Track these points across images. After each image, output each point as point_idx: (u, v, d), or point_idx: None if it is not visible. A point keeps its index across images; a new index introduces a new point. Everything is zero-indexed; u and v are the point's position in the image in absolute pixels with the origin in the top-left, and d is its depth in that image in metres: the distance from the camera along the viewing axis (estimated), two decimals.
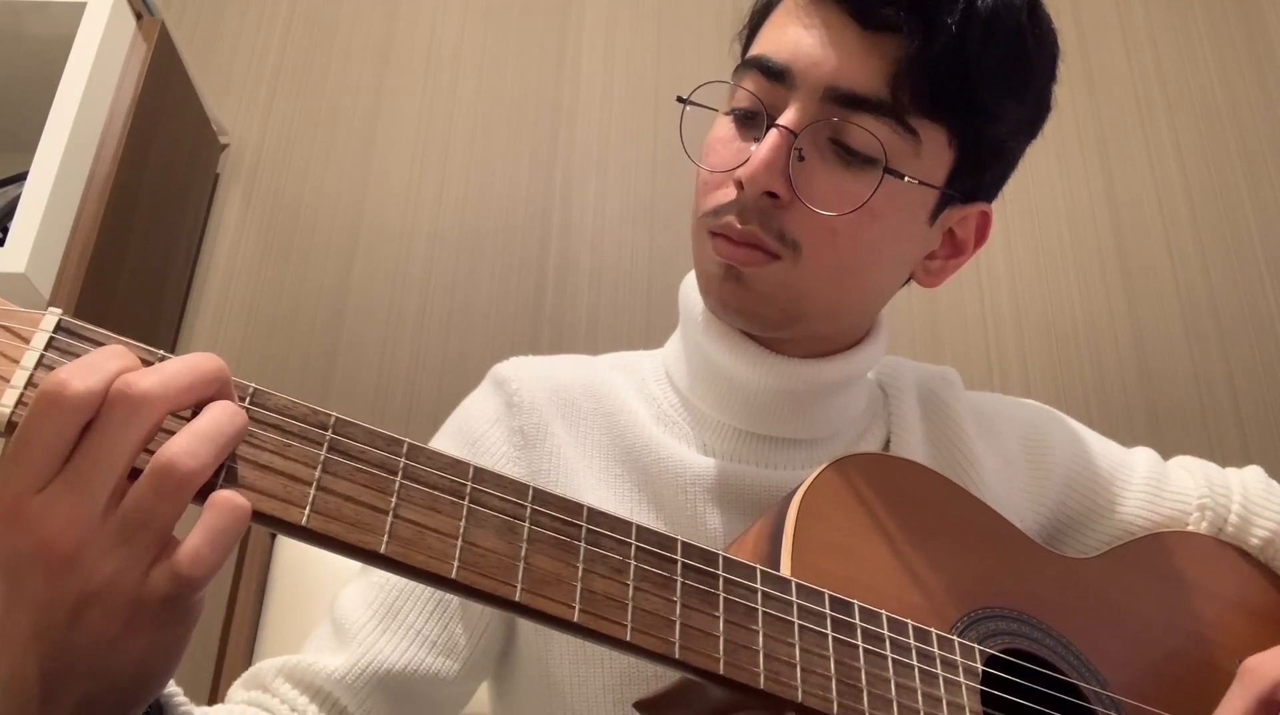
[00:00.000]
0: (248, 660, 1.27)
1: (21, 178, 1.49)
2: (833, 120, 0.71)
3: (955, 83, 0.71)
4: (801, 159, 0.71)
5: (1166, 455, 0.98)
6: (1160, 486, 0.92)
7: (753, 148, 0.72)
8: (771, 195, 0.71)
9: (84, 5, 1.55)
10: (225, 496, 0.47)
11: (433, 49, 2.02)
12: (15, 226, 1.38)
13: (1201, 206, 1.92)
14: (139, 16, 1.65)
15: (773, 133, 0.71)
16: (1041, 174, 1.94)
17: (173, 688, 0.57)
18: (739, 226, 0.73)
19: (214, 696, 1.26)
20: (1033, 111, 0.78)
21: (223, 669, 1.27)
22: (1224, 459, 0.98)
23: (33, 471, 0.45)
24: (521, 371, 0.86)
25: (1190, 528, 0.91)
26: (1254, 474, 0.95)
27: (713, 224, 0.75)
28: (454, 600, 0.79)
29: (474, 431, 0.83)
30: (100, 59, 1.52)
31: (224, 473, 0.48)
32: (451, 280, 1.83)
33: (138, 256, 1.61)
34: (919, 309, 1.84)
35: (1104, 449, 0.94)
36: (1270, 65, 2.03)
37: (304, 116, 1.96)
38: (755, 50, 0.76)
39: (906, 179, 0.72)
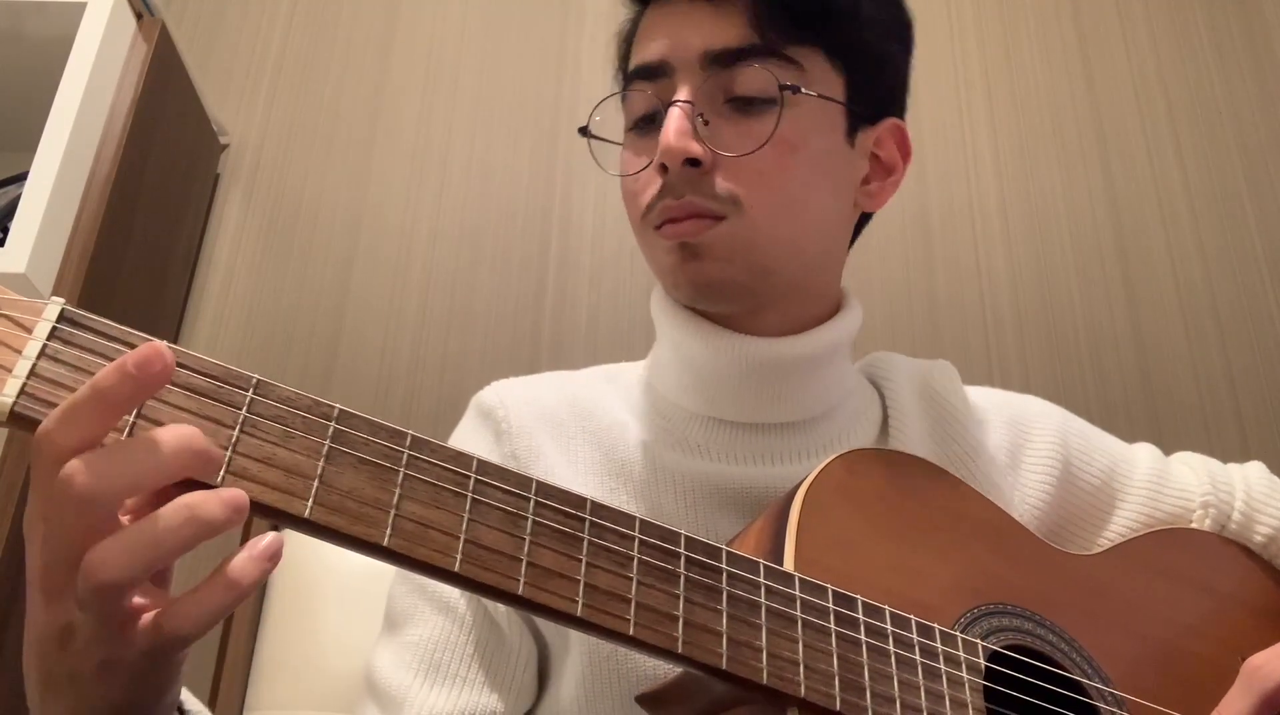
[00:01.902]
0: (248, 660, 1.27)
1: (21, 178, 1.49)
2: (720, 78, 0.76)
3: (808, 2, 0.77)
4: (707, 123, 0.76)
5: (1167, 454, 0.98)
6: (1163, 483, 0.92)
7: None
8: (692, 163, 0.75)
9: (84, 5, 1.55)
10: (224, 579, 0.47)
11: (433, 48, 2.02)
12: (15, 226, 1.38)
13: (1201, 206, 1.92)
14: (139, 16, 1.65)
15: (673, 109, 0.76)
16: (1042, 174, 1.94)
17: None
18: (675, 202, 0.76)
19: (214, 696, 1.26)
20: (891, 13, 0.84)
21: (223, 668, 1.26)
22: (1224, 458, 0.98)
23: (35, 500, 0.47)
24: (505, 397, 0.87)
25: (1193, 525, 0.90)
26: (1257, 470, 0.95)
27: (653, 219, 0.79)
28: (489, 636, 0.79)
29: None
30: (100, 59, 1.52)
31: (228, 466, 0.48)
32: (451, 280, 1.83)
33: (138, 256, 1.61)
34: (919, 309, 1.84)
35: (1106, 445, 0.94)
36: (1270, 65, 2.03)
37: (304, 116, 1.96)
38: (630, 65, 0.83)
39: (803, 91, 0.76)
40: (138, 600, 0.48)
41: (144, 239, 1.63)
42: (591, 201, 1.89)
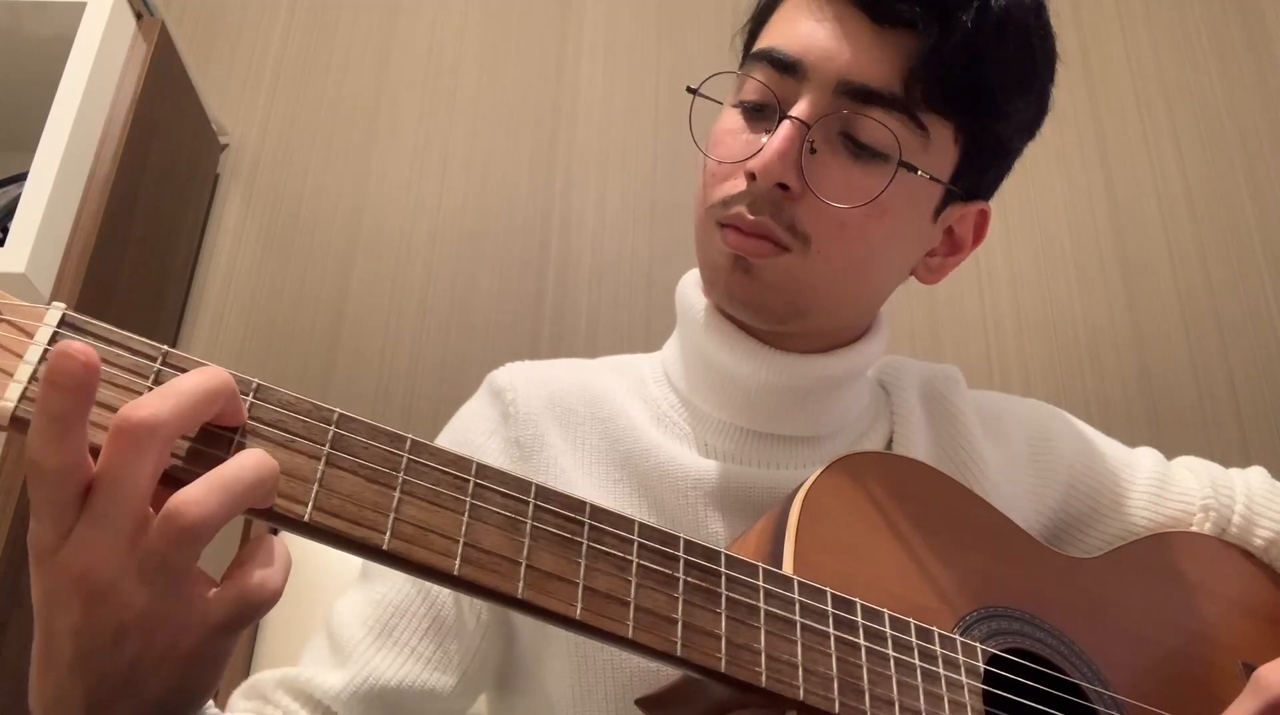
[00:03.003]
0: (248, 659, 1.27)
1: (21, 178, 1.49)
2: (845, 113, 0.72)
3: (968, 79, 0.72)
4: (813, 152, 0.72)
5: (1167, 455, 0.98)
6: (1164, 487, 0.92)
7: (764, 139, 0.73)
8: (783, 187, 0.72)
9: (84, 5, 1.55)
10: (263, 550, 0.48)
11: (433, 49, 2.02)
12: (15, 226, 1.38)
13: (1201, 206, 1.92)
14: (139, 16, 1.65)
15: (786, 124, 0.72)
16: (1041, 174, 1.94)
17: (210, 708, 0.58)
18: (750, 217, 0.73)
19: (215, 694, 1.26)
20: (1035, 110, 0.79)
21: None
22: (1224, 459, 0.98)
23: (54, 519, 0.46)
24: (517, 379, 0.86)
25: (1194, 528, 0.90)
26: (1258, 475, 0.95)
27: (721, 215, 0.75)
28: (449, 617, 0.80)
29: (471, 442, 0.83)
30: (100, 59, 1.52)
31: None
32: (451, 280, 1.83)
33: (138, 256, 1.61)
34: (919, 309, 1.84)
35: (1108, 449, 0.94)
36: (1270, 65, 2.03)
37: (304, 116, 1.96)
38: (765, 43, 0.76)
39: (920, 173, 0.72)
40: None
41: (144, 239, 1.63)
42: (591, 202, 1.89)
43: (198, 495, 0.45)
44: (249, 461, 0.46)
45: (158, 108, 1.65)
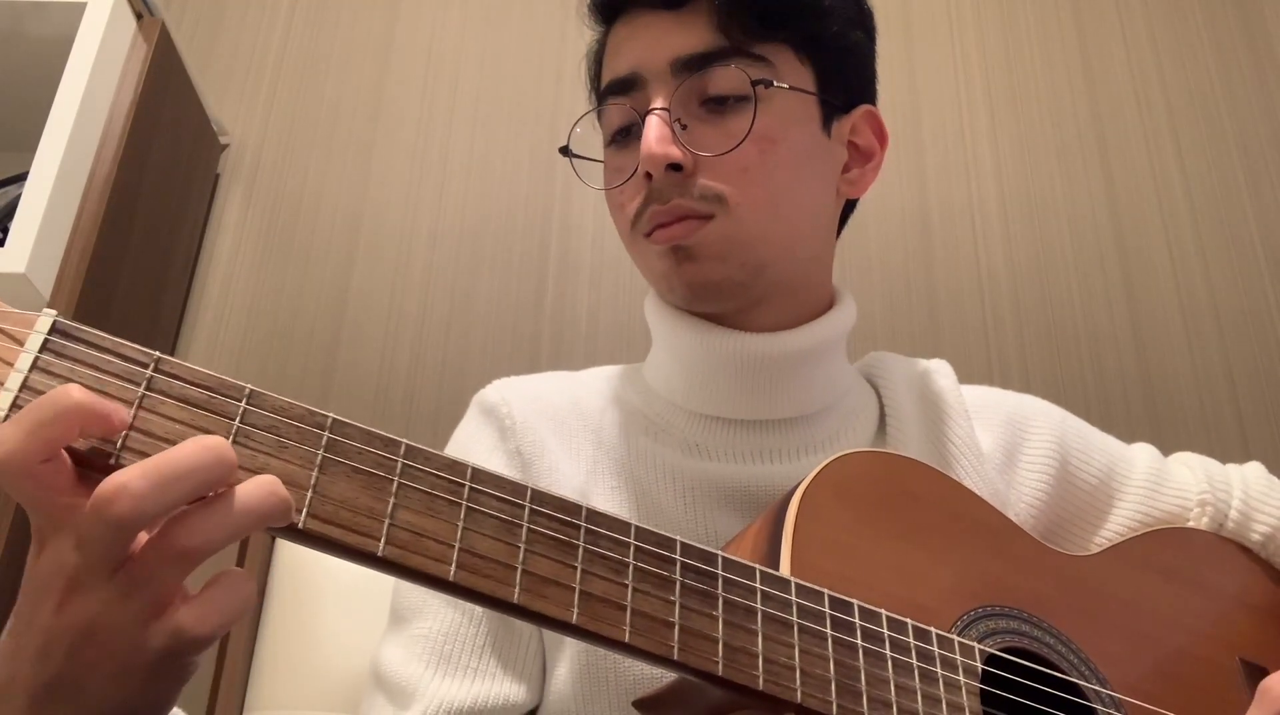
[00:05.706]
0: (248, 660, 1.27)
1: (21, 178, 1.49)
2: (691, 82, 0.77)
3: (771, 0, 0.78)
4: (685, 128, 0.77)
5: (1166, 455, 0.98)
6: (1160, 482, 0.92)
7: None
8: (675, 168, 0.76)
9: (84, 5, 1.55)
10: (236, 575, 0.48)
11: (433, 49, 2.02)
12: (15, 226, 1.37)
13: (1201, 206, 1.92)
14: (139, 16, 1.65)
15: (650, 117, 0.77)
16: (1042, 174, 1.94)
17: None
18: (664, 207, 0.77)
19: (214, 696, 1.26)
20: (850, 3, 0.84)
21: (223, 668, 1.27)
22: (1224, 458, 0.98)
23: (37, 522, 0.47)
24: (507, 393, 0.87)
25: (1191, 524, 0.91)
26: (1255, 470, 0.95)
27: (643, 227, 0.79)
28: (496, 629, 0.79)
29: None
30: (100, 59, 1.52)
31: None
32: (451, 280, 1.83)
33: (138, 256, 1.61)
34: (919, 308, 1.84)
35: (1104, 444, 0.94)
36: (1270, 65, 2.02)
37: (304, 116, 1.96)
38: (604, 79, 0.84)
39: (776, 85, 0.78)
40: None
41: (144, 239, 1.63)
42: (591, 202, 1.89)
43: (200, 521, 0.45)
44: (252, 490, 0.46)
45: (158, 108, 1.65)
